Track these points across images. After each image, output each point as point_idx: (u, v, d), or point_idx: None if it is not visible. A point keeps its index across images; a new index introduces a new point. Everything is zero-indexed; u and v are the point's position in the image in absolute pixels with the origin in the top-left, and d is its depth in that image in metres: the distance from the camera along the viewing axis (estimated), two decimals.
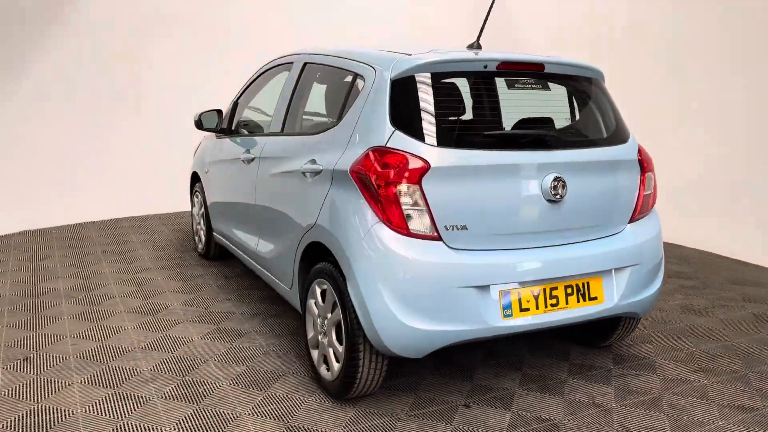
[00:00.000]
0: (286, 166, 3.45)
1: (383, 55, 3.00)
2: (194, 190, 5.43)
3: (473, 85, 3.09)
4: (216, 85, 7.13)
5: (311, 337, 3.22)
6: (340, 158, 2.93)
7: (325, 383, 3.09)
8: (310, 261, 3.25)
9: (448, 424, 2.85)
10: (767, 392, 3.24)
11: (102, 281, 4.73)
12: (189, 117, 6.92)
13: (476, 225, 2.76)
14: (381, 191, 2.67)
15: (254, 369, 3.36)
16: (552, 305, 2.90)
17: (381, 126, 2.80)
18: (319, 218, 3.00)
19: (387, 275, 2.65)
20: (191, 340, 3.70)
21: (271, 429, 2.76)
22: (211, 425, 2.78)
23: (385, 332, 2.67)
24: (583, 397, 3.15)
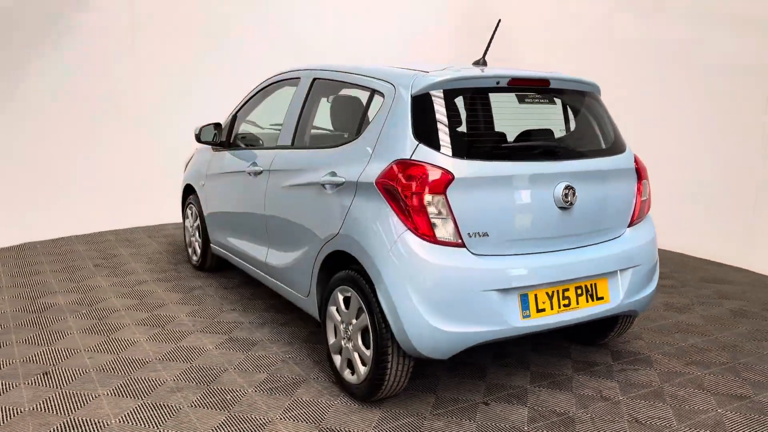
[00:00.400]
0: (301, 179, 3.57)
1: (402, 72, 3.16)
2: (187, 202, 5.46)
3: (486, 100, 3.27)
4: (198, 99, 7.20)
5: (332, 342, 3.34)
6: (363, 171, 3.07)
7: (349, 386, 3.21)
8: (329, 270, 3.37)
9: (472, 421, 3.01)
10: (756, 381, 3.50)
11: (102, 295, 4.73)
12: (171, 129, 7.02)
13: (496, 231, 2.94)
14: (409, 201, 2.83)
15: (275, 376, 3.46)
16: (565, 305, 3.09)
17: (404, 140, 2.96)
18: (343, 228, 3.13)
19: (416, 281, 2.81)
20: (206, 350, 3.77)
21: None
22: (246, 431, 2.87)
23: (414, 335, 2.82)
24: (591, 391, 3.35)
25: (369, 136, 3.16)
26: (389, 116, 3.07)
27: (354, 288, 3.09)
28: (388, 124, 3.06)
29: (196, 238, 5.34)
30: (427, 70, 3.15)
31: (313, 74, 3.87)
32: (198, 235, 5.29)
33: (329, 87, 3.83)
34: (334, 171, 3.28)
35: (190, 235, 5.48)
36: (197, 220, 5.27)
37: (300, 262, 3.60)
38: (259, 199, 4.05)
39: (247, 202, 4.27)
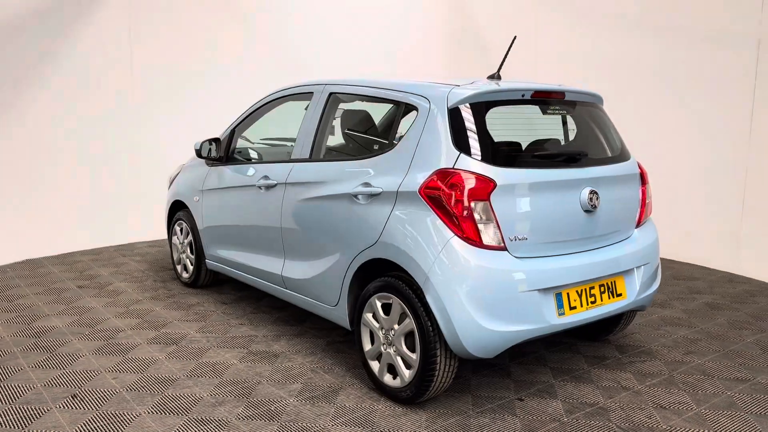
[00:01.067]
0: (326, 190, 3.64)
1: (435, 87, 3.31)
2: (175, 219, 5.39)
3: (514, 111, 3.46)
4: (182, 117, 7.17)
5: (369, 350, 3.43)
6: (403, 180, 3.19)
7: (391, 391, 3.30)
8: (363, 278, 3.46)
9: (515, 416, 3.17)
10: (750, 366, 3.83)
11: (99, 316, 4.61)
12: (139, 148, 6.88)
13: (534, 235, 3.13)
14: (456, 208, 2.97)
15: (310, 385, 3.50)
16: (591, 302, 3.31)
17: (445, 150, 3.10)
18: (383, 236, 3.23)
19: (466, 284, 2.95)
20: (231, 364, 3.76)
21: None
22: None
23: (465, 336, 2.96)
24: (611, 383, 3.58)
25: (405, 148, 3.28)
26: (426, 128, 3.21)
27: (396, 294, 3.19)
28: (425, 136, 3.20)
29: (187, 255, 5.28)
30: (457, 83, 3.32)
31: (329, 89, 3.95)
32: (190, 252, 5.23)
33: (350, 101, 3.93)
34: (368, 182, 3.39)
35: (179, 252, 5.40)
36: (188, 237, 5.22)
37: (328, 273, 3.66)
38: (274, 213, 4.08)
39: (257, 215, 4.29)
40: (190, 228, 5.16)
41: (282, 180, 4.04)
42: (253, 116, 4.66)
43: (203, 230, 4.95)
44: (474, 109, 3.18)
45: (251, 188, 4.33)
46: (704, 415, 3.20)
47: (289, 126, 4.79)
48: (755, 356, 3.98)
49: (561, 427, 3.07)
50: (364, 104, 4.23)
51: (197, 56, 7.26)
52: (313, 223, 3.77)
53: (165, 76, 7.08)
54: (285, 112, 4.62)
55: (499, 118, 3.45)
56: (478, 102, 3.20)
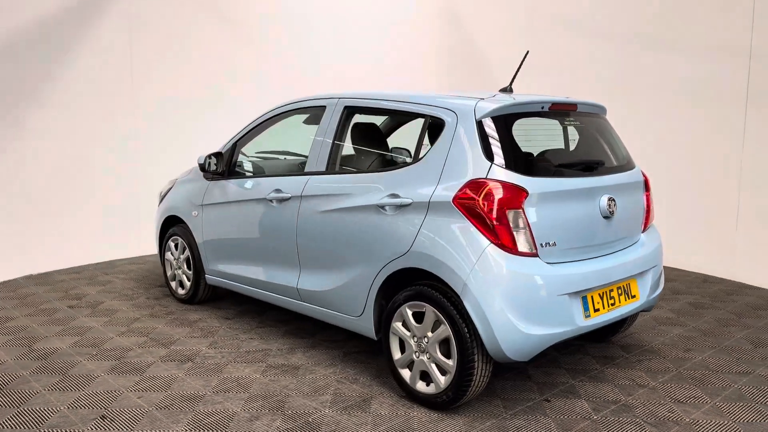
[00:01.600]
0: (348, 202, 3.69)
1: (460, 100, 3.42)
2: (169, 234, 5.31)
3: (535, 123, 3.60)
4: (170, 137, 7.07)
5: (399, 358, 3.48)
6: (434, 191, 3.28)
7: (424, 397, 3.36)
8: (390, 287, 3.53)
9: (546, 417, 3.29)
10: (747, 360, 4.08)
11: (101, 336, 4.50)
12: (118, 162, 6.72)
13: (561, 241, 3.27)
14: (492, 216, 3.08)
15: (340, 395, 3.53)
16: (611, 304, 3.47)
17: (477, 161, 3.21)
18: (414, 246, 3.31)
19: (504, 290, 3.05)
20: (255, 378, 3.75)
21: None
22: None
23: (504, 340, 3.06)
24: (626, 380, 3.75)
25: (433, 159, 3.37)
26: (455, 140, 3.31)
27: (429, 302, 3.26)
28: (455, 148, 3.30)
29: (183, 271, 5.21)
30: (480, 96, 3.44)
31: (344, 102, 4.01)
32: (186, 267, 5.17)
33: (367, 114, 4.00)
34: (395, 193, 3.46)
35: (174, 269, 5.31)
36: (184, 252, 5.15)
37: (351, 283, 3.70)
38: (288, 225, 4.10)
39: (268, 229, 4.28)
40: (187, 243, 5.09)
41: (297, 193, 4.06)
42: (258, 130, 4.66)
43: (204, 245, 4.90)
44: (500, 121, 3.31)
45: (260, 202, 4.33)
46: (720, 407, 3.40)
47: (294, 139, 4.84)
48: (749, 351, 4.23)
49: (593, 425, 3.20)
50: (374, 117, 4.32)
51: (194, 74, 7.22)
52: (334, 234, 3.80)
53: (162, 95, 7.04)
54: (287, 125, 4.64)
55: (535, 130, 3.60)
56: (503, 114, 3.33)
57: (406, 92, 3.78)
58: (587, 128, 3.83)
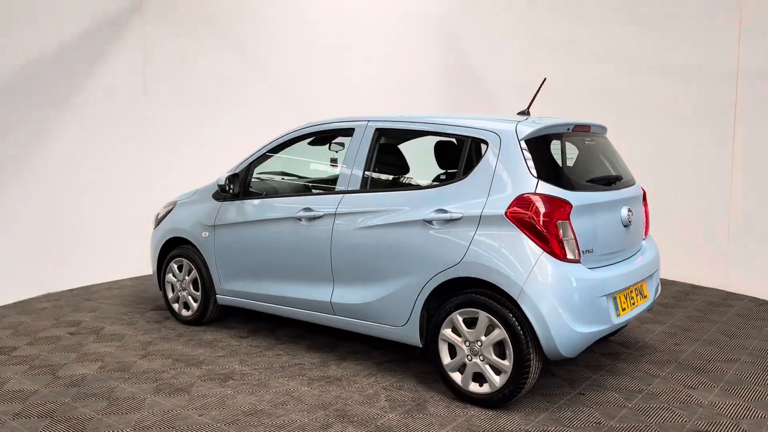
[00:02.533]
0: (391, 218, 3.92)
1: (498, 123, 3.76)
2: (171, 257, 5.30)
3: (563, 142, 3.97)
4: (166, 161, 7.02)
5: (449, 363, 3.74)
6: (485, 205, 3.58)
7: (478, 397, 3.63)
8: (437, 296, 3.78)
9: (589, 408, 3.64)
10: (730, 349, 4.63)
11: (122, 359, 4.44)
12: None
13: (597, 248, 3.66)
14: (544, 228, 3.42)
15: (394, 401, 3.73)
16: (632, 304, 3.90)
17: (524, 177, 3.55)
18: (467, 257, 3.59)
19: (559, 294, 3.40)
20: (304, 391, 3.88)
21: None
22: None
23: (559, 339, 3.39)
24: (640, 372, 4.18)
25: (480, 176, 3.68)
26: (500, 158, 3.64)
27: (482, 308, 3.55)
28: (501, 165, 3.63)
29: (189, 292, 5.21)
30: (517, 119, 3.80)
31: (375, 125, 4.24)
32: (193, 289, 5.18)
33: (399, 136, 4.25)
34: (443, 208, 3.73)
35: (178, 291, 5.30)
36: (190, 274, 5.17)
37: (395, 295, 3.92)
38: (320, 242, 4.26)
39: (296, 246, 4.42)
40: (194, 265, 5.11)
41: (330, 211, 4.24)
42: (275, 151, 4.78)
43: (218, 265, 4.94)
44: (538, 142, 3.67)
45: (287, 220, 4.46)
46: (727, 390, 3.88)
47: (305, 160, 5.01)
48: (727, 342, 4.79)
49: (631, 411, 3.59)
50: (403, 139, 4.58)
51: (205, 95, 7.39)
52: (376, 249, 4.01)
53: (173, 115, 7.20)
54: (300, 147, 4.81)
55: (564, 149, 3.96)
56: (538, 135, 3.70)
57: (438, 115, 4.08)
58: (597, 146, 4.26)
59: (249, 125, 7.43)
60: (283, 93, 7.84)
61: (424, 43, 8.14)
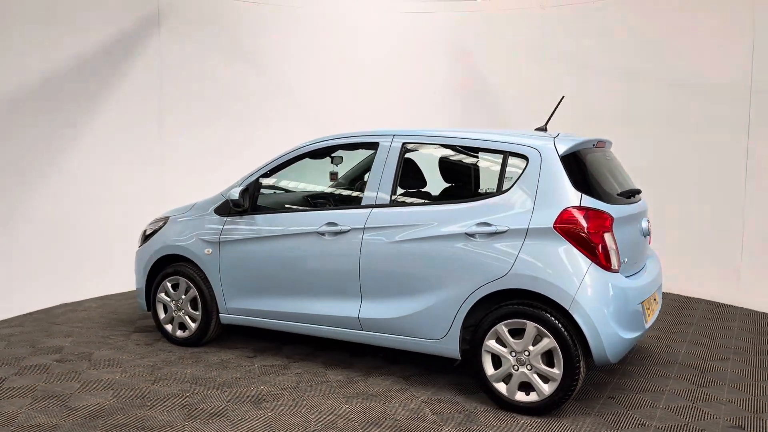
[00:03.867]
0: (429, 232, 3.95)
1: (539, 138, 3.89)
2: (164, 275, 5.03)
3: (590, 157, 4.13)
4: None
5: (493, 374, 3.81)
6: (531, 218, 3.69)
7: (524, 406, 3.72)
8: (478, 308, 3.85)
9: (626, 410, 3.83)
10: (715, 348, 4.99)
11: (133, 386, 4.17)
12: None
13: (629, 257, 3.86)
14: (593, 240, 3.58)
15: (442, 414, 3.75)
16: (652, 310, 4.14)
17: (568, 191, 3.70)
18: (514, 268, 3.68)
19: (608, 302, 3.56)
20: (346, 408, 3.81)
21: None
22: None
23: (609, 345, 3.55)
24: (653, 374, 4.42)
25: (522, 190, 3.79)
26: (542, 173, 3.77)
27: (529, 319, 3.65)
28: (543, 179, 3.75)
29: (186, 312, 4.97)
30: (552, 135, 3.95)
31: (402, 139, 4.26)
32: (191, 308, 4.95)
33: (431, 150, 4.30)
34: (485, 221, 3.81)
35: (172, 311, 5.04)
36: (187, 293, 4.94)
37: (434, 308, 3.95)
38: (347, 257, 4.21)
39: (318, 262, 4.35)
40: (192, 283, 4.89)
41: (358, 225, 4.20)
42: (286, 165, 4.68)
43: (223, 283, 4.75)
44: (575, 157, 3.84)
45: (308, 235, 4.38)
46: (738, 386, 4.18)
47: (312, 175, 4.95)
48: (709, 342, 5.15)
49: (665, 412, 3.80)
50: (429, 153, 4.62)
51: (220, 113, 7.50)
52: (411, 263, 4.02)
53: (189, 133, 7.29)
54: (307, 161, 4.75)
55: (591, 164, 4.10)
56: (574, 151, 3.87)
57: (469, 131, 4.17)
58: (612, 161, 4.48)
59: (264, 139, 7.45)
60: (298, 107, 7.89)
61: (434, 56, 8.13)
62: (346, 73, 8.01)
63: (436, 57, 8.12)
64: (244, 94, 7.59)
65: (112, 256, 6.67)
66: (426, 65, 8.09)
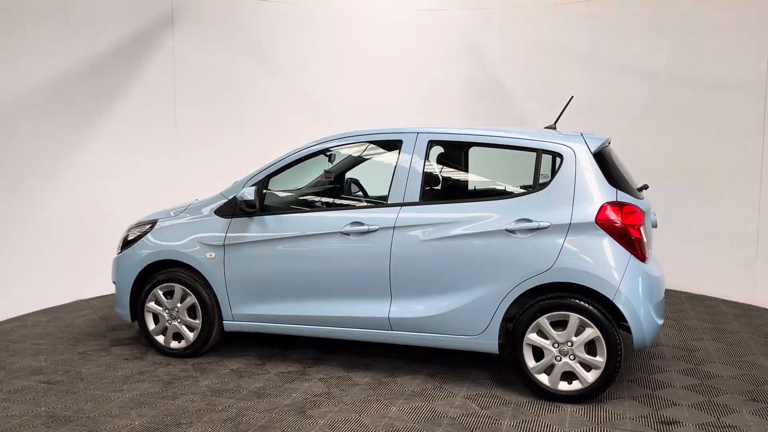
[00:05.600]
0: (465, 229, 3.98)
1: (566, 137, 4.04)
2: (155, 282, 4.67)
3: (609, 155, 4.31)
4: None
5: (534, 365, 3.91)
6: (572, 214, 3.83)
7: (566, 395, 3.86)
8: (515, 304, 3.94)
9: (654, 390, 4.07)
10: (720, 329, 5.43)
11: (157, 405, 3.83)
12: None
13: (649, 249, 4.12)
14: (632, 233, 3.78)
15: (489, 408, 3.79)
16: None
17: (604, 187, 3.88)
18: (558, 263, 3.81)
19: (647, 291, 3.79)
20: (394, 411, 3.75)
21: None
22: None
23: (648, 331, 3.78)
24: (674, 368, 4.59)
25: (560, 187, 3.92)
26: (578, 171, 3.92)
27: (572, 310, 3.79)
28: (579, 177, 3.91)
29: (183, 321, 4.65)
30: (577, 133, 4.12)
31: (428, 137, 4.24)
32: (188, 316, 4.63)
33: (459, 148, 4.31)
34: (526, 218, 3.90)
35: (165, 320, 4.69)
36: (183, 300, 4.62)
37: (473, 304, 3.98)
38: (376, 257, 4.15)
39: (343, 262, 4.24)
40: (190, 289, 4.58)
41: (388, 224, 4.14)
42: (298, 163, 4.51)
43: (230, 288, 4.49)
44: (602, 155, 4.03)
45: (330, 236, 4.26)
46: (755, 377, 4.53)
47: None
48: (695, 328, 5.59)
49: (707, 399, 3.99)
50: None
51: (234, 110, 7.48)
52: (447, 261, 4.02)
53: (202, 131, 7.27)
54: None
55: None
56: (601, 149, 4.06)
57: (499, 129, 4.23)
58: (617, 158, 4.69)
59: (277, 136, 7.27)
60: (309, 104, 7.80)
61: (449, 55, 8.04)
62: (358, 71, 7.96)
63: (447, 54, 8.06)
64: (256, 91, 7.56)
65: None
66: (437, 63, 8.05)
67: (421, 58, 8.03)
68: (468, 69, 8.07)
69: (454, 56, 8.07)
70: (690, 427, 3.58)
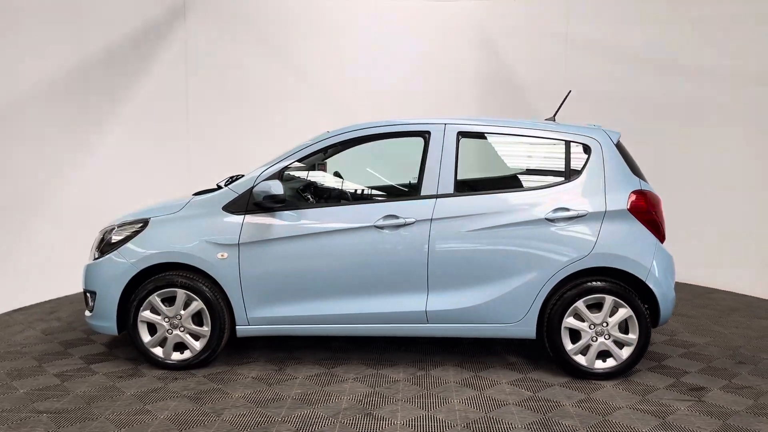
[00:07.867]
0: (505, 219, 4.06)
1: (589, 129, 4.26)
2: (153, 288, 4.18)
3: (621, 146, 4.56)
4: None
5: (571, 348, 4.11)
6: (606, 202, 4.07)
7: (601, 373, 4.11)
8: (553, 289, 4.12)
9: (685, 360, 4.46)
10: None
11: (202, 421, 3.46)
12: None
13: None
14: (657, 218, 4.11)
15: (545, 392, 3.93)
16: None
17: (629, 176, 4.17)
18: (596, 248, 4.03)
19: (670, 271, 4.16)
20: (456, 402, 3.74)
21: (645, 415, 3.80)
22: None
23: (669, 308, 4.14)
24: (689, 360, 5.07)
25: (592, 177, 4.13)
26: (606, 161, 4.17)
27: (607, 293, 4.05)
28: (608, 167, 4.16)
29: (187, 330, 4.21)
30: (594, 125, 4.37)
31: (457, 128, 4.24)
32: (192, 324, 4.21)
33: (489, 139, 4.34)
34: (564, 207, 4.07)
35: (165, 330, 4.21)
36: (187, 307, 4.20)
37: (514, 293, 4.07)
38: (412, 250, 4.08)
39: (377, 257, 4.11)
40: (197, 294, 4.17)
41: (425, 217, 4.09)
42: (315, 155, 4.28)
43: (246, 291, 4.14)
44: (620, 146, 4.32)
45: (362, 230, 4.11)
46: (712, 341, 5.14)
47: None
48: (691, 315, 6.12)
49: (706, 365, 4.49)
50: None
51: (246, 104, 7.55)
52: (488, 251, 4.07)
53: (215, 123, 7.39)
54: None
55: None
56: (618, 141, 4.35)
57: (529, 122, 4.35)
58: None
59: (289, 128, 7.24)
60: (321, 96, 7.75)
61: (459, 47, 7.86)
62: (369, 63, 7.82)
63: (459, 44, 7.92)
64: (268, 83, 7.58)
65: None
66: (449, 53, 7.92)
67: (431, 49, 7.96)
68: (478, 58, 7.95)
69: (465, 46, 7.96)
70: (716, 391, 3.98)
